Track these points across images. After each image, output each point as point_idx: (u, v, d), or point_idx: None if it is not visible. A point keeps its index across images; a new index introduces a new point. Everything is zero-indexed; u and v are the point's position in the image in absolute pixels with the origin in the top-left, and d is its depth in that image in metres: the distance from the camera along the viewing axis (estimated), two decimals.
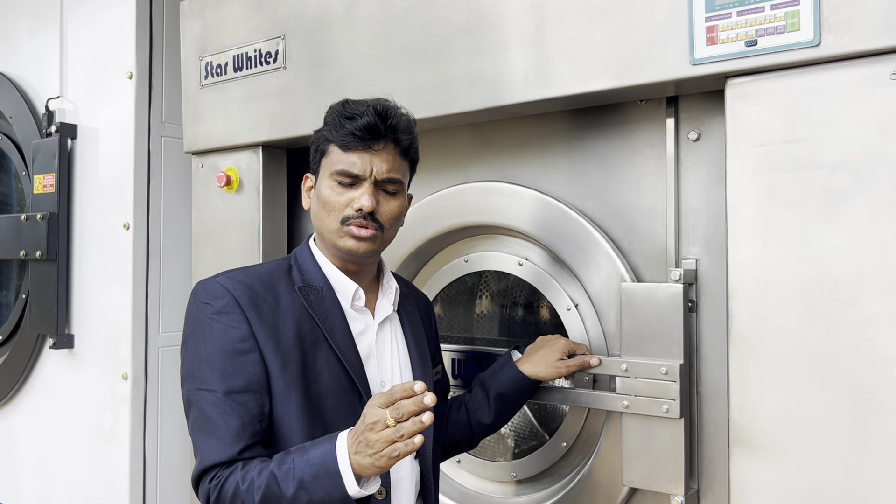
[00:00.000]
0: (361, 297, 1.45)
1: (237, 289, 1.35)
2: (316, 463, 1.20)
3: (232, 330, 1.32)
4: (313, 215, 1.45)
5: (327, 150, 1.42)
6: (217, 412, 1.28)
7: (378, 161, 1.39)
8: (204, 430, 1.29)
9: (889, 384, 1.21)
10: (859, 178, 1.23)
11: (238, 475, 1.24)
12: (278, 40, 2.02)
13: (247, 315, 1.33)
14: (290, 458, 1.23)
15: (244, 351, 1.31)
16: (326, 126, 1.43)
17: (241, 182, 2.17)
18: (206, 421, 1.29)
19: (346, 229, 1.38)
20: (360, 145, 1.38)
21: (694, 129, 1.57)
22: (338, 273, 1.44)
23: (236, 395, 1.29)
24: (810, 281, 1.28)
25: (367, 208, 1.37)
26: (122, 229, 2.54)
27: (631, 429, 1.57)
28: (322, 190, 1.41)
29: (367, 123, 1.37)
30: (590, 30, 1.51)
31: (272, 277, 1.41)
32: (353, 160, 1.38)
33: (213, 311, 1.33)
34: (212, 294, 1.35)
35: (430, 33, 1.73)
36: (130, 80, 2.53)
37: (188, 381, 1.33)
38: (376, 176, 1.38)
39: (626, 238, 1.66)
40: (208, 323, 1.33)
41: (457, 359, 1.89)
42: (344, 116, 1.39)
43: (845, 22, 1.23)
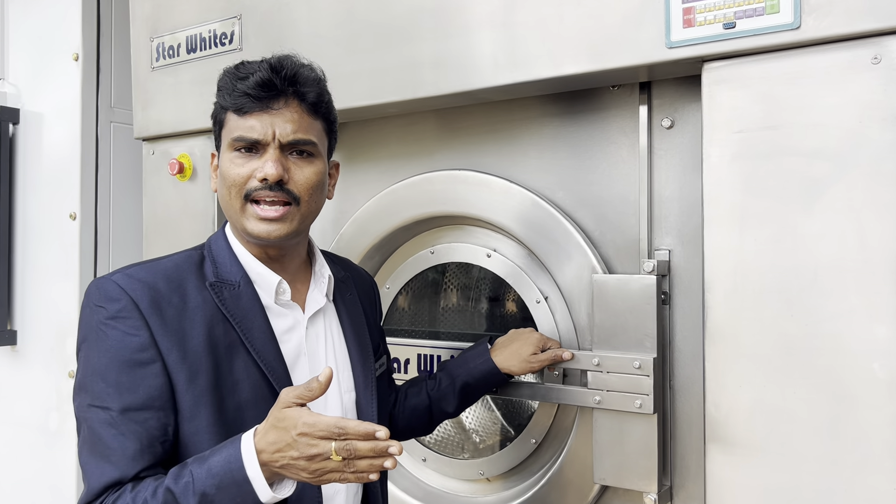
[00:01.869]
0: (286, 292, 1.28)
1: (136, 289, 1.16)
2: (219, 472, 1.05)
3: (129, 338, 1.14)
4: (220, 197, 1.28)
5: (225, 119, 1.25)
6: (111, 433, 1.11)
7: (280, 121, 1.21)
8: (94, 452, 1.12)
9: (868, 378, 1.18)
10: (839, 165, 1.20)
11: (127, 498, 1.08)
12: (234, 20, 1.92)
13: (147, 320, 1.15)
14: (187, 470, 1.07)
15: (143, 362, 1.14)
16: (220, 92, 1.27)
17: (195, 169, 2.06)
18: (97, 442, 1.12)
19: (251, 209, 1.22)
20: (257, 106, 1.21)
21: (667, 116, 1.53)
22: (257, 263, 1.27)
23: (133, 413, 1.12)
24: (788, 271, 1.24)
25: (272, 176, 1.19)
26: (68, 219, 2.42)
27: (602, 425, 1.53)
28: (222, 163, 1.25)
29: (261, 79, 1.20)
30: (561, 10, 1.45)
31: (179, 273, 1.22)
32: (250, 124, 1.21)
33: (107, 315, 1.14)
34: (106, 296, 1.16)
35: (393, 13, 1.65)
36: (76, 61, 2.41)
37: (79, 395, 1.15)
38: (280, 139, 1.21)
39: (598, 228, 1.61)
40: (102, 329, 1.14)
41: (424, 354, 1.82)
42: (236, 77, 1.23)
43: (826, 4, 1.19)
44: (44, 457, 2.48)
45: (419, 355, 1.82)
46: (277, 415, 1.05)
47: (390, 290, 1.94)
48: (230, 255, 1.27)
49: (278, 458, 1.03)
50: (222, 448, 1.08)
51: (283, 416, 1.04)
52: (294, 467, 1.03)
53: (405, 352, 1.84)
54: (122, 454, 1.11)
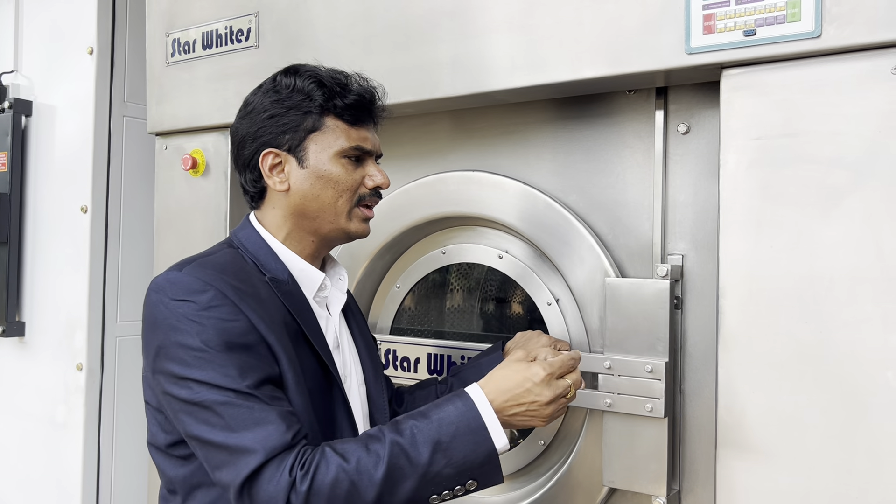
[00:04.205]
0: (327, 287, 1.34)
1: (216, 280, 1.16)
2: (453, 421, 1.11)
3: (230, 324, 1.13)
4: (304, 197, 1.28)
5: (322, 125, 1.28)
6: (252, 402, 1.09)
7: (376, 135, 1.34)
8: (242, 425, 1.08)
9: (882, 386, 1.18)
10: (857, 174, 1.20)
11: (330, 457, 1.07)
12: (251, 17, 1.93)
13: (239, 306, 1.15)
14: (405, 425, 1.11)
15: (251, 344, 1.14)
16: (314, 95, 1.27)
17: (208, 165, 2.07)
18: (242, 415, 1.08)
19: (359, 212, 1.31)
20: (369, 119, 1.31)
21: (683, 121, 1.53)
22: (300, 261, 1.31)
23: (264, 388, 1.12)
24: (804, 279, 1.25)
25: (386, 184, 1.31)
26: (80, 212, 2.42)
27: (613, 428, 1.53)
28: (329, 168, 1.27)
29: (373, 94, 1.31)
30: (580, 14, 1.45)
31: (240, 267, 1.24)
32: (363, 135, 1.30)
33: (198, 307, 1.13)
34: (189, 289, 1.15)
35: (412, 14, 1.65)
36: (91, 55, 2.41)
37: (187, 386, 1.11)
38: (379, 151, 1.34)
39: (611, 232, 1.62)
40: (195, 321, 1.12)
41: (434, 354, 1.82)
42: (337, 84, 1.28)
43: (848, 13, 1.19)
44: (50, 449, 2.49)
45: (429, 355, 1.82)
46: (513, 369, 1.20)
47: (400, 289, 1.95)
48: (270, 253, 1.29)
49: (511, 408, 1.17)
50: (445, 402, 1.15)
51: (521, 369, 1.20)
52: (522, 415, 1.18)
53: (415, 351, 1.84)
54: (273, 416, 1.09)
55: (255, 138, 1.30)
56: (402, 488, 1.08)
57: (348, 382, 1.34)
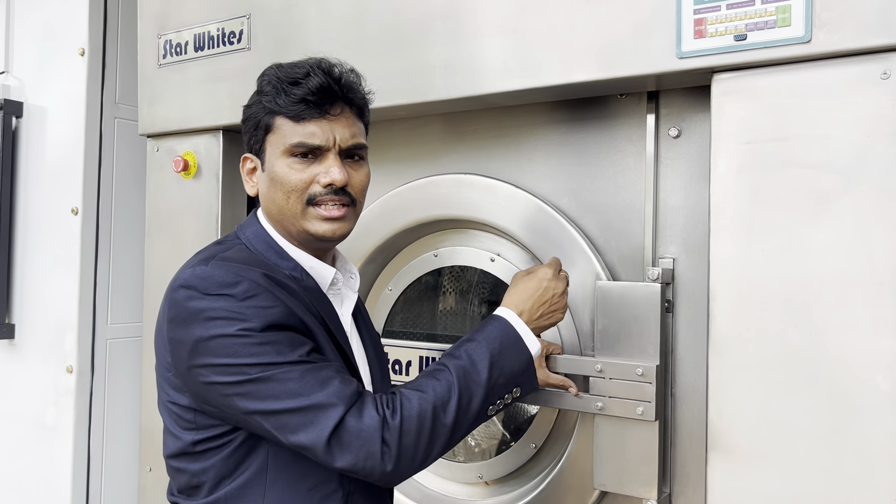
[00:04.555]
0: (339, 282, 1.34)
1: (247, 271, 1.16)
2: (497, 336, 1.25)
3: (270, 310, 1.13)
4: (266, 200, 1.29)
5: (273, 125, 1.25)
6: (308, 368, 1.11)
7: (339, 127, 1.24)
8: (307, 388, 1.10)
9: (871, 390, 1.19)
10: (847, 178, 1.21)
11: (408, 394, 1.15)
12: (243, 19, 1.93)
13: (274, 293, 1.15)
14: (460, 351, 1.23)
15: (293, 325, 1.15)
16: (265, 95, 1.25)
17: (200, 167, 2.07)
18: (304, 379, 1.10)
19: (314, 211, 1.24)
20: (316, 112, 1.22)
21: (674, 125, 1.54)
22: (310, 258, 1.29)
23: (314, 356, 1.14)
24: (794, 283, 1.25)
25: (339, 181, 1.22)
26: (70, 214, 2.41)
27: (604, 431, 1.53)
28: (277, 170, 1.25)
29: (320, 85, 1.22)
30: (573, 18, 1.46)
31: (259, 262, 1.23)
32: (310, 130, 1.22)
33: (235, 300, 1.12)
34: (221, 282, 1.14)
35: (404, 17, 1.66)
36: (82, 56, 2.40)
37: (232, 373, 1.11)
38: (340, 144, 1.24)
39: (603, 235, 1.62)
40: (236, 311, 1.11)
41: (425, 356, 1.82)
42: (285, 82, 1.23)
43: (837, 19, 1.20)
44: (40, 452, 2.47)
45: (421, 357, 1.82)
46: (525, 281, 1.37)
47: (393, 291, 1.95)
48: (279, 251, 1.28)
49: (537, 310, 1.33)
50: (484, 325, 1.28)
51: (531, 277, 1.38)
52: (547, 313, 1.35)
53: (407, 354, 1.84)
54: (336, 373, 1.14)
55: (243, 143, 1.33)
56: (472, 404, 1.20)
57: None
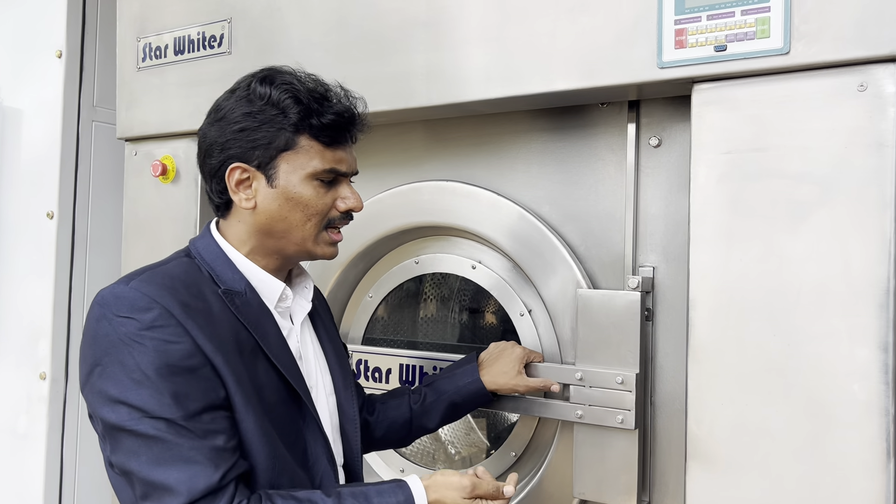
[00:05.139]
0: (288, 297, 1.30)
1: (164, 296, 1.11)
2: None
3: (172, 346, 1.08)
4: (271, 218, 1.23)
5: (295, 144, 1.21)
6: (182, 438, 1.06)
7: (352, 154, 1.29)
8: (166, 460, 1.05)
9: (849, 399, 1.20)
10: (825, 189, 1.22)
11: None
12: (224, 23, 1.91)
13: (185, 326, 1.10)
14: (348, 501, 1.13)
15: (194, 367, 1.09)
16: (289, 112, 1.20)
17: (178, 172, 2.04)
18: (170, 449, 1.05)
19: (327, 235, 1.26)
20: (345, 138, 1.25)
21: (655, 134, 1.55)
22: (260, 272, 1.26)
23: (203, 416, 1.08)
24: (772, 292, 1.26)
25: (359, 208, 1.27)
26: (45, 218, 2.37)
27: (583, 439, 1.53)
28: (299, 191, 1.21)
29: (349, 110, 1.25)
30: (555, 27, 1.46)
31: (192, 279, 1.19)
32: (340, 156, 1.24)
33: (140, 326, 1.08)
34: (132, 305, 1.09)
35: (387, 23, 1.65)
36: (59, 59, 2.37)
37: (115, 408, 1.07)
38: (355, 171, 1.29)
39: (584, 243, 1.62)
40: (136, 341, 1.07)
41: (406, 364, 1.81)
42: (314, 101, 1.21)
43: (815, 31, 1.21)
44: (11, 461, 2.42)
45: (401, 365, 1.81)
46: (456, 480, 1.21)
47: (373, 298, 1.94)
48: (228, 263, 1.25)
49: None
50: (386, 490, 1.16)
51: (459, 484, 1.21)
52: None
53: (387, 362, 1.83)
54: (203, 454, 1.06)
55: (223, 149, 1.24)
56: None
57: (315, 392, 1.32)
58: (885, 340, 1.18)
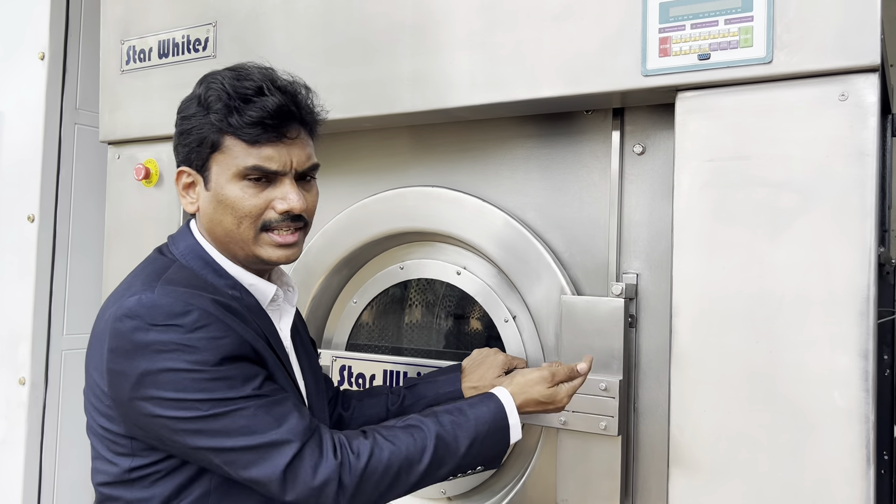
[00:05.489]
0: (279, 297, 1.30)
1: (196, 298, 1.12)
2: (487, 421, 1.25)
3: (220, 341, 1.10)
4: (210, 220, 1.21)
5: (221, 143, 1.17)
6: (261, 403, 1.10)
7: (296, 150, 1.19)
8: (263, 425, 1.09)
9: (829, 406, 1.20)
10: (806, 197, 1.23)
11: (382, 443, 1.16)
12: (209, 27, 1.90)
13: (225, 321, 1.12)
14: (446, 419, 1.22)
15: (246, 355, 1.13)
16: (213, 112, 1.17)
17: (162, 175, 2.03)
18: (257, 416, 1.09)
19: (267, 237, 1.19)
20: (272, 135, 1.16)
21: (639, 142, 1.55)
22: (247, 274, 1.25)
23: (265, 385, 1.13)
24: (754, 299, 1.27)
25: (298, 209, 1.18)
26: (26, 221, 2.35)
27: (567, 445, 1.53)
28: (226, 192, 1.18)
29: (277, 107, 1.15)
30: (540, 34, 1.46)
31: (204, 283, 1.19)
32: (266, 154, 1.16)
33: (185, 330, 1.08)
34: (170, 312, 1.09)
35: (373, 28, 1.65)
36: (42, 61, 2.35)
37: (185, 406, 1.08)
38: (297, 168, 1.19)
39: (568, 250, 1.63)
40: (186, 344, 1.08)
41: (389, 370, 1.81)
42: (237, 98, 1.15)
43: (798, 41, 1.23)
44: None
45: (385, 371, 1.81)
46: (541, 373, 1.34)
47: (357, 304, 1.93)
48: (216, 268, 1.23)
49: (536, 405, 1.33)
50: (479, 402, 1.28)
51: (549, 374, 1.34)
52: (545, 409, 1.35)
53: (371, 367, 1.82)
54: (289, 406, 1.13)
55: (175, 153, 1.26)
56: (440, 472, 1.21)
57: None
58: (865, 348, 1.19)
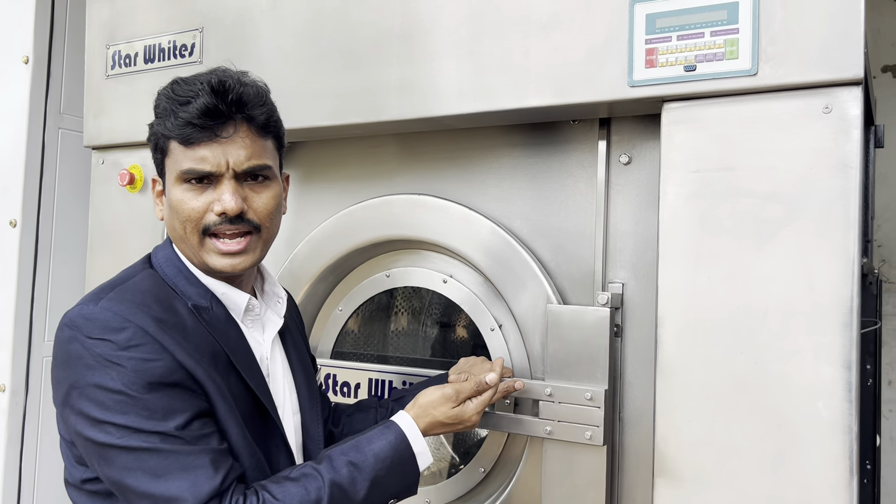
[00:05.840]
0: (256, 307, 1.27)
1: (136, 314, 1.08)
2: (388, 456, 1.17)
3: (151, 364, 1.06)
4: (168, 227, 1.22)
5: (168, 148, 1.17)
6: (177, 446, 1.04)
7: (233, 149, 1.15)
8: (167, 471, 1.04)
9: (813, 417, 1.21)
10: (791, 208, 1.24)
11: (265, 498, 1.07)
12: (195, 33, 1.89)
13: (161, 342, 1.08)
14: (341, 462, 1.14)
15: (177, 382, 1.07)
16: (158, 117, 1.19)
17: (146, 181, 2.01)
18: (166, 459, 1.04)
19: (210, 244, 1.17)
20: (205, 135, 1.13)
21: (625, 152, 1.56)
22: (220, 284, 1.23)
23: (192, 424, 1.07)
24: (739, 310, 1.27)
25: (232, 210, 1.14)
26: (8, 226, 2.32)
27: (552, 455, 1.53)
28: (171, 196, 1.17)
29: (205, 106, 1.12)
30: (528, 44, 1.47)
31: (162, 294, 1.16)
32: (200, 155, 1.14)
33: (116, 347, 1.06)
34: (105, 326, 1.07)
35: (361, 36, 1.65)
36: (26, 64, 2.33)
37: (104, 429, 1.05)
38: (234, 168, 1.15)
39: (554, 259, 1.63)
40: (114, 362, 1.05)
41: (375, 379, 1.80)
42: (175, 102, 1.14)
43: (782, 53, 1.23)
44: None
45: (370, 380, 1.80)
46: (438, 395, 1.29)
47: (343, 312, 1.92)
48: (190, 277, 1.22)
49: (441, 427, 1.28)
50: (378, 436, 1.19)
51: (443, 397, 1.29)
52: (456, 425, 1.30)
53: (356, 376, 1.81)
54: (205, 459, 1.05)
55: None
56: None
57: (281, 410, 1.30)
58: (848, 359, 1.19)
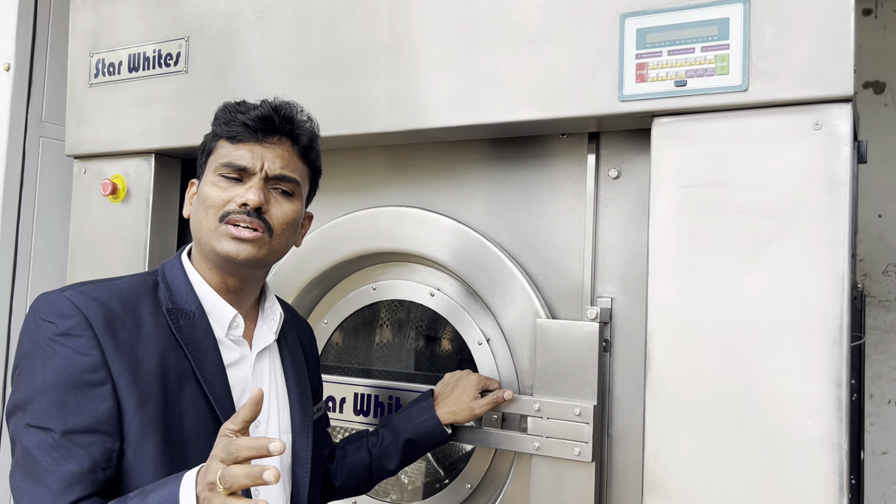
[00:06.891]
0: (239, 326, 1.27)
1: (90, 307, 1.12)
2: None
3: (79, 357, 1.08)
4: (193, 220, 1.28)
5: (215, 147, 1.28)
6: (49, 456, 1.05)
7: (270, 155, 1.24)
8: (28, 476, 1.05)
9: (803, 434, 1.20)
10: (781, 224, 1.24)
11: None
12: (181, 42, 1.87)
13: (100, 340, 1.10)
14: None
15: (93, 383, 1.08)
16: (216, 122, 1.29)
17: (129, 191, 1.98)
18: (33, 465, 1.05)
19: (223, 228, 1.21)
20: (252, 137, 1.24)
21: (614, 166, 1.55)
22: (213, 295, 1.25)
23: (77, 436, 1.06)
24: (729, 326, 1.27)
25: (253, 202, 1.20)
26: None
27: (540, 471, 1.51)
28: (204, 188, 1.25)
29: (261, 114, 1.24)
30: (518, 57, 1.46)
31: (134, 296, 1.19)
32: (241, 152, 1.23)
33: (56, 331, 1.09)
34: (57, 311, 1.11)
35: (349, 47, 1.64)
36: (7, 72, 2.29)
37: (17, 414, 1.08)
38: (268, 171, 1.23)
39: (542, 273, 1.62)
40: (50, 346, 1.09)
41: (360, 393, 1.77)
42: (237, 110, 1.26)
43: (773, 69, 1.24)
44: None
45: (356, 394, 1.77)
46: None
47: (328, 325, 1.90)
48: (186, 283, 1.24)
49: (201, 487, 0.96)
50: (164, 484, 1.00)
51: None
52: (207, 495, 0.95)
53: (341, 390, 1.79)
54: (59, 479, 1.04)
55: None
56: None
57: (264, 428, 1.27)
58: (838, 376, 1.19)
